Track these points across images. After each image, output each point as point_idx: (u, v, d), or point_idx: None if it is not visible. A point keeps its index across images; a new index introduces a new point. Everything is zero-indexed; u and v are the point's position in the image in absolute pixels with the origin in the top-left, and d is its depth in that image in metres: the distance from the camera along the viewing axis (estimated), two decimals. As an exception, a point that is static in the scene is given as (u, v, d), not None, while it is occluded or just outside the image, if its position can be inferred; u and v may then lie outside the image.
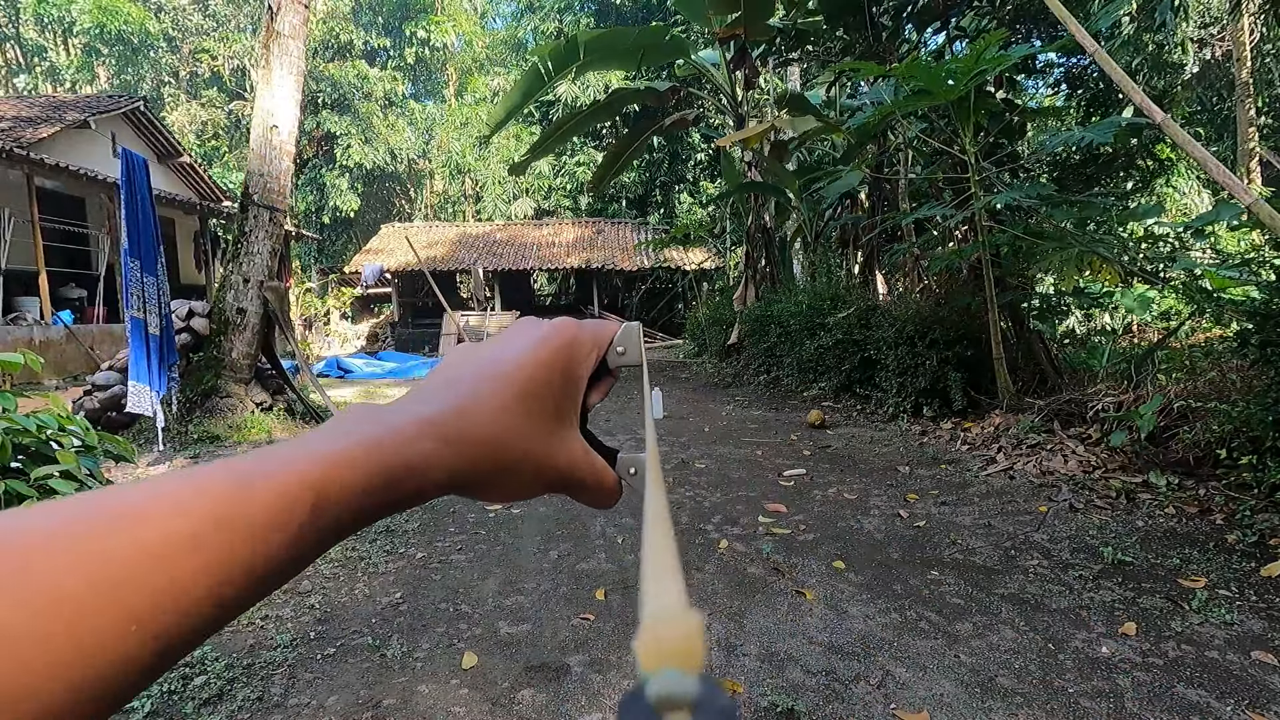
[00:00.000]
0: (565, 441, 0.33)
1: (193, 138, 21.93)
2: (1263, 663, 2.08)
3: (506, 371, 0.32)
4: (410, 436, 0.27)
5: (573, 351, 0.34)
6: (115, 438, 3.20)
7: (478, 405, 0.30)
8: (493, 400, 0.30)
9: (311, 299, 18.35)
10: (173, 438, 5.43)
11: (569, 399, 0.34)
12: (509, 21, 28.97)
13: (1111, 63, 3.48)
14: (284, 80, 6.13)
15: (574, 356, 0.34)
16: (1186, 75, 10.72)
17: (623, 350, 0.38)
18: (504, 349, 0.33)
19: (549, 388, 0.32)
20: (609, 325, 0.38)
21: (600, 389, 0.37)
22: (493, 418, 0.30)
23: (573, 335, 0.34)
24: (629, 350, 0.38)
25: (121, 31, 20.58)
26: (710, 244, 16.35)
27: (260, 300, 6.14)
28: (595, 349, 0.36)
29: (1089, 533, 3.16)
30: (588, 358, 0.35)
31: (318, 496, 0.23)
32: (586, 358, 0.35)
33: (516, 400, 0.31)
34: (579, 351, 0.34)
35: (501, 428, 0.30)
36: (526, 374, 0.32)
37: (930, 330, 5.73)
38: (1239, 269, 4.25)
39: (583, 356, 0.35)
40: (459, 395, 0.30)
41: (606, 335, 0.37)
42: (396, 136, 22.90)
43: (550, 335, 0.34)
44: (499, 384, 0.31)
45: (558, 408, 0.33)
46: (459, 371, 0.32)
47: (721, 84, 10.09)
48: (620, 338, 0.38)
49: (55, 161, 9.50)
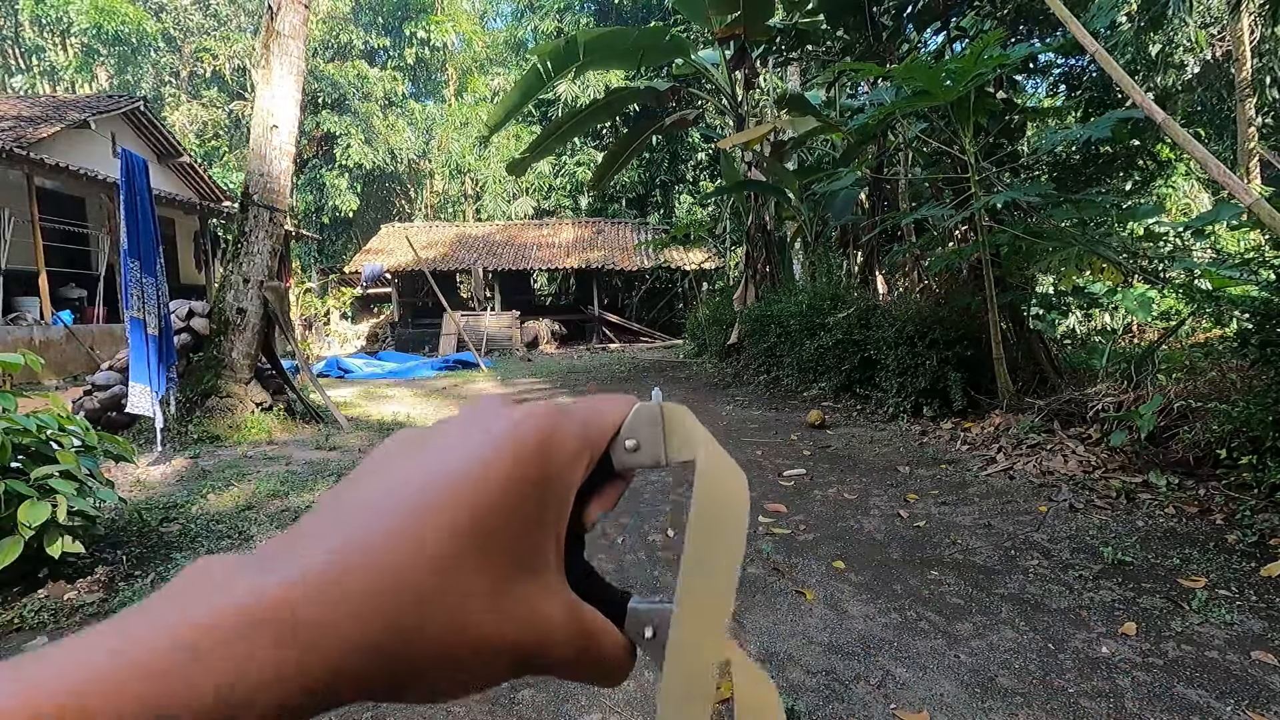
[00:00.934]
0: (532, 598, 0.22)
1: (193, 138, 21.94)
2: (1263, 663, 2.08)
3: (434, 497, 0.21)
4: (225, 638, 0.17)
5: (549, 456, 0.23)
6: (115, 438, 3.20)
7: (369, 561, 0.19)
8: (400, 548, 0.20)
9: (311, 299, 18.35)
10: (173, 438, 5.43)
11: (541, 530, 0.23)
12: (509, 21, 28.99)
13: (1112, 62, 3.48)
14: (284, 80, 6.13)
15: (551, 464, 0.23)
16: (1187, 75, 10.72)
17: (635, 444, 0.26)
18: (438, 455, 0.22)
19: (505, 518, 0.21)
20: (611, 406, 0.26)
21: (603, 500, 0.26)
22: (398, 578, 0.19)
23: (549, 431, 0.23)
24: (645, 443, 0.25)
25: (119, 32, 20.58)
26: (710, 244, 16.35)
27: (260, 300, 6.14)
28: (588, 448, 0.25)
29: (1089, 533, 3.16)
30: (575, 462, 0.24)
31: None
32: (573, 463, 0.24)
33: (445, 543, 0.20)
34: (560, 454, 0.23)
35: (413, 594, 0.19)
36: (467, 499, 0.21)
37: (930, 330, 5.73)
38: (1239, 269, 4.25)
39: (567, 462, 0.24)
40: (340, 544, 0.19)
41: (608, 423, 0.26)
42: (396, 136, 22.91)
43: (514, 434, 0.23)
44: (417, 518, 0.20)
45: (521, 547, 0.22)
46: (358, 494, 0.22)
47: (721, 84, 10.09)
48: (631, 425, 0.26)
49: (55, 161, 9.50)
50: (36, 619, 2.51)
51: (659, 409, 0.26)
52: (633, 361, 12.80)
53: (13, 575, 2.65)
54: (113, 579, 2.85)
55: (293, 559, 0.19)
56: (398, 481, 0.22)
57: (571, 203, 23.34)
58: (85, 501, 2.79)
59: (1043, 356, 5.75)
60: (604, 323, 18.45)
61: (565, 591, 0.23)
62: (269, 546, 0.20)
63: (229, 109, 22.99)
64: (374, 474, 0.23)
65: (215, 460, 4.95)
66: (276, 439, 5.76)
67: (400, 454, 0.23)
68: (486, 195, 24.24)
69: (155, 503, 3.90)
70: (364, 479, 0.23)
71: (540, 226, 20.92)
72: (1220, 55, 11.88)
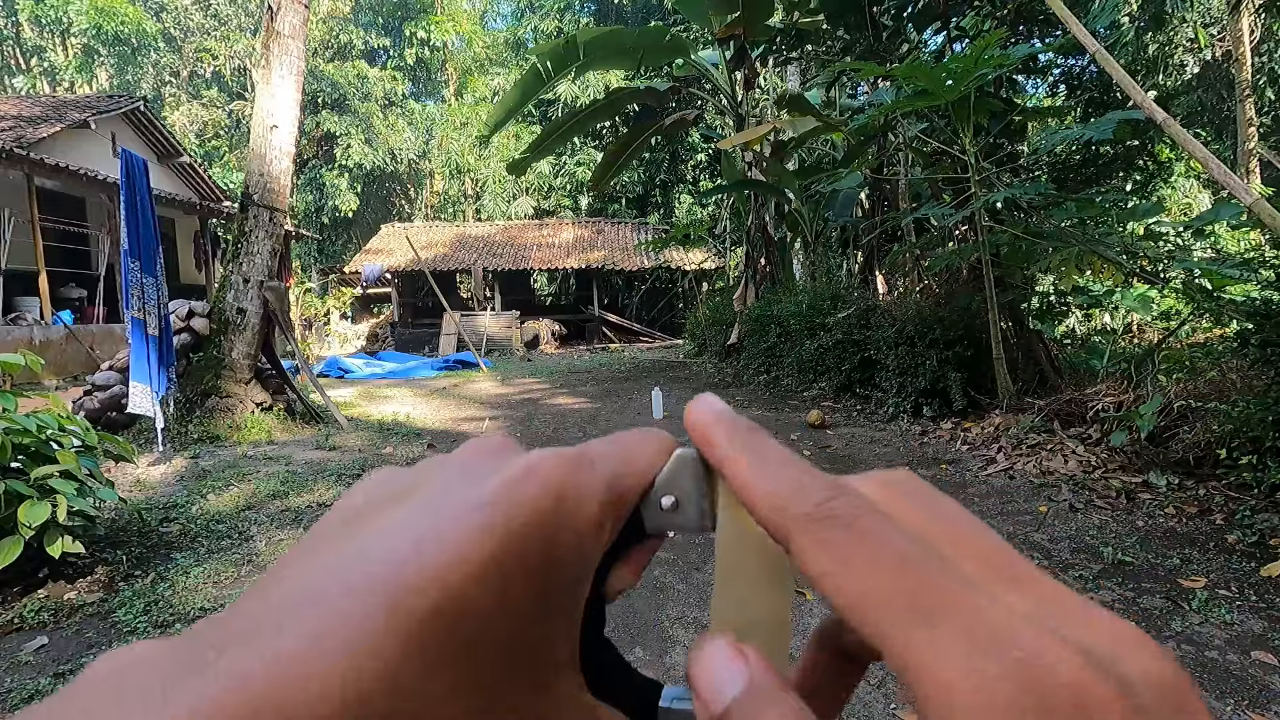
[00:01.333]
0: (531, 710, 0.17)
1: (193, 138, 21.95)
2: (1263, 663, 2.08)
3: (392, 589, 0.15)
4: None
5: (560, 528, 0.17)
6: (115, 438, 3.20)
7: (285, 684, 0.13)
8: (337, 665, 0.14)
9: (311, 299, 18.37)
10: (173, 438, 5.43)
11: (547, 625, 0.17)
12: (509, 21, 29.00)
13: (1112, 62, 3.48)
14: (284, 80, 6.14)
15: (562, 539, 0.17)
16: (1187, 75, 10.72)
17: (673, 502, 0.20)
18: (403, 527, 0.17)
19: (494, 617, 0.16)
20: (645, 452, 0.20)
21: (630, 565, 0.21)
22: (343, 703, 0.13)
23: (559, 493, 0.17)
24: (686, 501, 0.20)
25: (119, 32, 20.59)
26: (710, 244, 16.36)
27: (260, 300, 6.14)
28: (614, 511, 0.19)
29: (1089, 533, 3.17)
30: (595, 533, 0.18)
31: None
32: (592, 534, 0.18)
33: (405, 655, 0.14)
34: (574, 525, 0.17)
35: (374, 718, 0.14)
36: (434, 593, 0.15)
37: (930, 330, 5.73)
38: (1239, 268, 4.25)
39: (584, 533, 0.18)
40: (252, 659, 0.14)
41: (639, 476, 0.20)
42: (396, 137, 22.92)
43: (510, 499, 0.17)
44: (366, 621, 0.14)
45: (517, 652, 0.16)
46: (296, 578, 0.16)
47: (721, 84, 10.09)
48: (670, 477, 0.20)
49: (55, 161, 9.50)
50: (36, 619, 2.51)
51: (694, 456, 0.20)
52: (633, 361, 12.80)
53: (13, 575, 2.65)
54: (113, 579, 2.85)
55: (192, 680, 0.13)
56: (346, 565, 0.16)
57: (571, 203, 23.35)
58: (85, 501, 2.79)
59: (1043, 356, 5.76)
60: (604, 323, 18.46)
61: (580, 695, 0.18)
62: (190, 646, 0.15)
63: (229, 109, 23.00)
64: (318, 551, 0.17)
65: (215, 460, 4.95)
66: (276, 439, 5.76)
67: (359, 519, 0.18)
68: (486, 195, 24.25)
69: (155, 503, 3.90)
70: (306, 555, 0.17)
71: (540, 226, 20.93)
72: (1220, 55, 11.88)
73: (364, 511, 0.18)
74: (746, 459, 0.18)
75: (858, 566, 0.15)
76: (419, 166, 25.33)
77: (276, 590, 0.16)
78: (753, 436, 0.19)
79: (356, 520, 0.18)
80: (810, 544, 0.16)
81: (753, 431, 0.19)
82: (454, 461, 0.20)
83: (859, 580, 0.15)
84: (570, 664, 0.18)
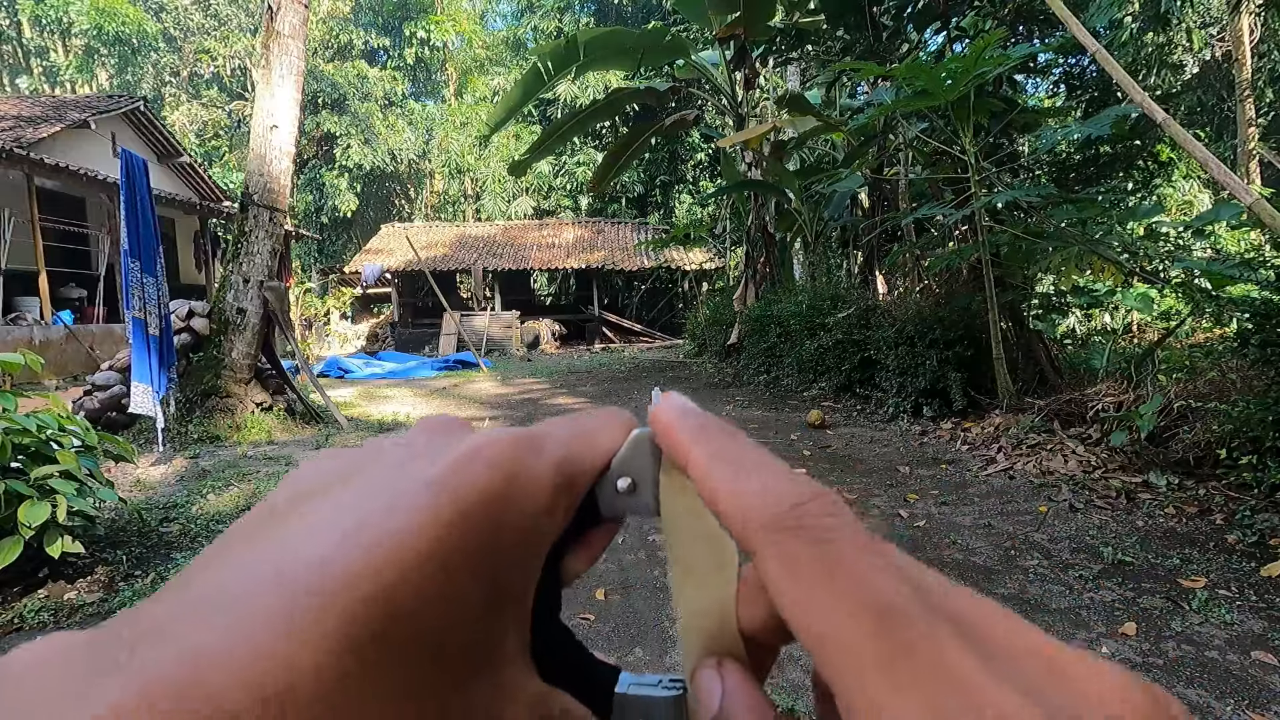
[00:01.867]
0: (481, 708, 0.16)
1: (193, 138, 21.95)
2: (1263, 663, 2.08)
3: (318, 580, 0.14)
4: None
5: (508, 511, 0.16)
6: (115, 438, 3.20)
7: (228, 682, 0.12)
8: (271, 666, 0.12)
9: (311, 299, 18.37)
10: (173, 438, 5.43)
11: (495, 613, 0.16)
12: (509, 21, 29.00)
13: (1112, 62, 3.48)
14: (284, 80, 6.14)
15: (510, 522, 0.16)
16: (1186, 75, 10.72)
17: (630, 484, 0.19)
18: (337, 513, 0.16)
19: (436, 606, 0.15)
20: (601, 432, 0.20)
21: (586, 549, 0.20)
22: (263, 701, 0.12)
23: (508, 475, 0.17)
24: (644, 484, 0.19)
25: (119, 32, 20.60)
26: (710, 244, 16.36)
27: (260, 300, 6.14)
28: (567, 493, 0.18)
29: (1089, 533, 3.16)
30: (546, 516, 0.17)
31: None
32: (544, 516, 0.17)
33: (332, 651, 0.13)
34: (524, 507, 0.17)
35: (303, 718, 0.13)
36: (368, 582, 0.14)
37: (930, 330, 5.73)
38: (1239, 268, 4.25)
39: (534, 516, 0.17)
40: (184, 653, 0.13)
41: (595, 457, 0.19)
42: (396, 137, 22.92)
43: (455, 482, 0.16)
44: (286, 615, 0.13)
45: (462, 642, 0.15)
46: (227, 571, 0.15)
47: (721, 84, 10.09)
48: (624, 458, 0.19)
49: (55, 161, 9.50)
50: (36, 619, 2.51)
51: (649, 436, 0.19)
52: (633, 361, 12.80)
53: (13, 575, 2.65)
54: (113, 579, 2.85)
55: (101, 682, 0.12)
56: (276, 555, 0.14)
57: (571, 203, 23.35)
58: (85, 501, 2.79)
59: (1043, 356, 5.75)
60: (604, 323, 18.46)
61: (529, 685, 0.17)
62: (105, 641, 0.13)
63: (229, 109, 23.01)
64: (249, 539, 0.16)
65: (215, 460, 4.95)
66: (276, 439, 5.76)
67: (294, 505, 0.17)
68: (486, 195, 24.26)
69: (155, 503, 3.90)
70: (235, 544, 0.16)
71: (540, 227, 20.93)
72: (1220, 55, 11.88)
73: (301, 497, 0.17)
74: (714, 458, 0.17)
75: (824, 601, 0.14)
76: (419, 166, 25.33)
77: (200, 582, 0.15)
78: (724, 436, 0.18)
79: (292, 506, 0.17)
80: (772, 558, 0.15)
81: (725, 431, 0.18)
82: (400, 443, 0.19)
83: (823, 617, 0.14)
84: (519, 654, 0.17)
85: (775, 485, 0.16)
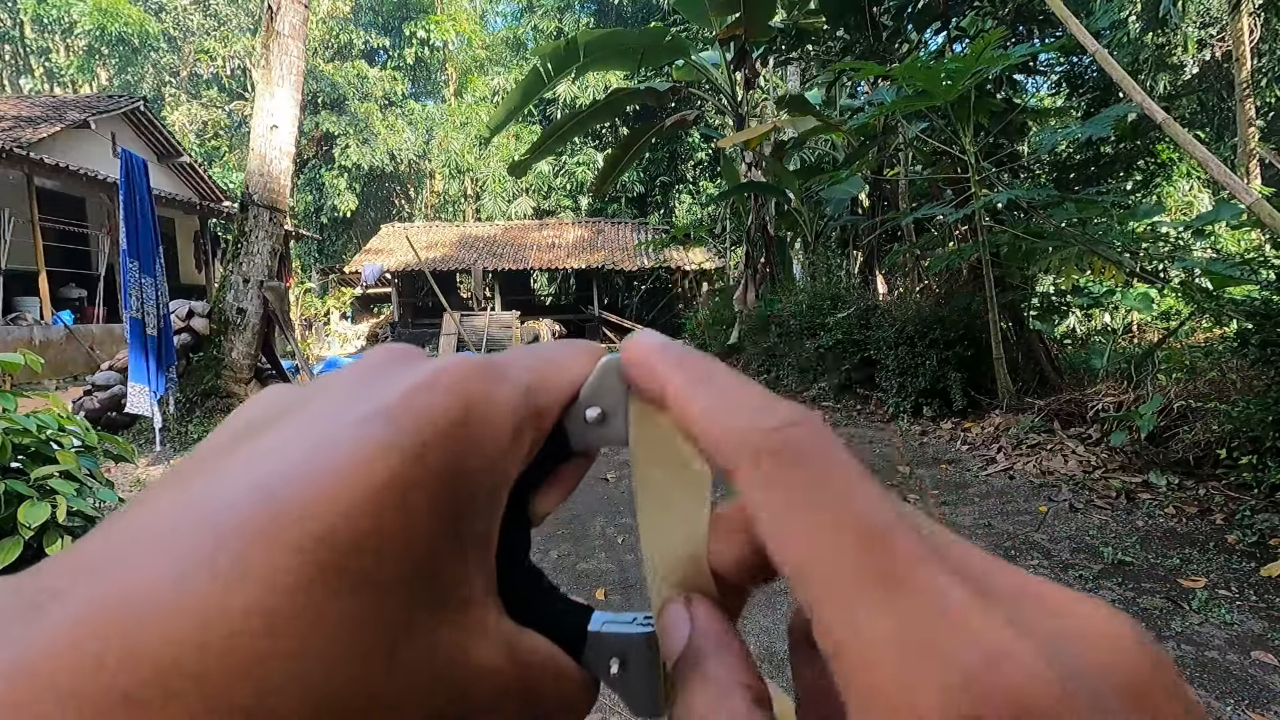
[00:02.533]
0: (449, 644, 0.15)
1: (193, 138, 21.95)
2: (1263, 663, 2.08)
3: (276, 518, 0.13)
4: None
5: (468, 440, 0.15)
6: (115, 438, 3.20)
7: (166, 621, 0.11)
8: (210, 604, 0.12)
9: (311, 299, 18.38)
10: (172, 438, 5.43)
11: (458, 547, 0.15)
12: (509, 21, 29.01)
13: (1112, 62, 3.48)
14: (284, 80, 6.14)
15: (471, 452, 0.15)
16: (1186, 75, 10.72)
17: (599, 414, 0.18)
18: (291, 441, 0.15)
19: (396, 539, 0.14)
20: (569, 359, 0.19)
21: (556, 485, 0.19)
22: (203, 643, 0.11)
23: (469, 402, 0.16)
24: (613, 412, 0.18)
25: (122, 33, 20.60)
26: (710, 244, 16.36)
27: (260, 300, 6.14)
28: (532, 423, 0.17)
29: (1089, 533, 3.16)
30: (511, 446, 0.16)
31: None
32: (507, 447, 0.16)
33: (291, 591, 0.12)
34: (486, 437, 0.16)
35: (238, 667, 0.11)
36: (325, 512, 0.13)
37: (930, 330, 5.73)
38: (1239, 268, 4.25)
39: (497, 447, 0.16)
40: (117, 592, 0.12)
41: (562, 386, 0.18)
42: (396, 137, 22.92)
43: (412, 408, 0.15)
44: (243, 549, 0.12)
45: (426, 576, 0.14)
46: (165, 508, 0.14)
47: (721, 84, 10.09)
48: (595, 387, 0.18)
49: (55, 161, 9.50)
50: (36, 619, 2.51)
51: (617, 361, 0.18)
52: (633, 361, 12.79)
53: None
54: (112, 579, 2.85)
55: (20, 628, 0.11)
56: (218, 490, 0.13)
57: (572, 203, 23.36)
58: (85, 502, 2.79)
59: (1043, 356, 5.75)
60: (604, 323, 18.46)
61: (499, 624, 0.16)
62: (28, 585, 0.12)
63: (229, 109, 23.01)
64: (191, 474, 0.15)
65: (215, 460, 4.95)
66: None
67: (240, 439, 0.16)
68: (486, 195, 24.26)
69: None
70: (176, 481, 0.15)
71: (540, 227, 20.93)
72: (1220, 55, 11.88)
73: (245, 432, 0.16)
74: (693, 383, 0.16)
75: (808, 520, 0.13)
76: (419, 166, 25.33)
77: (137, 520, 0.14)
78: (703, 362, 0.17)
79: (235, 442, 0.16)
80: (757, 479, 0.14)
81: (703, 358, 0.17)
82: (350, 371, 0.17)
83: (807, 537, 0.13)
84: (487, 591, 0.16)
85: (759, 406, 0.15)
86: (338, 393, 0.16)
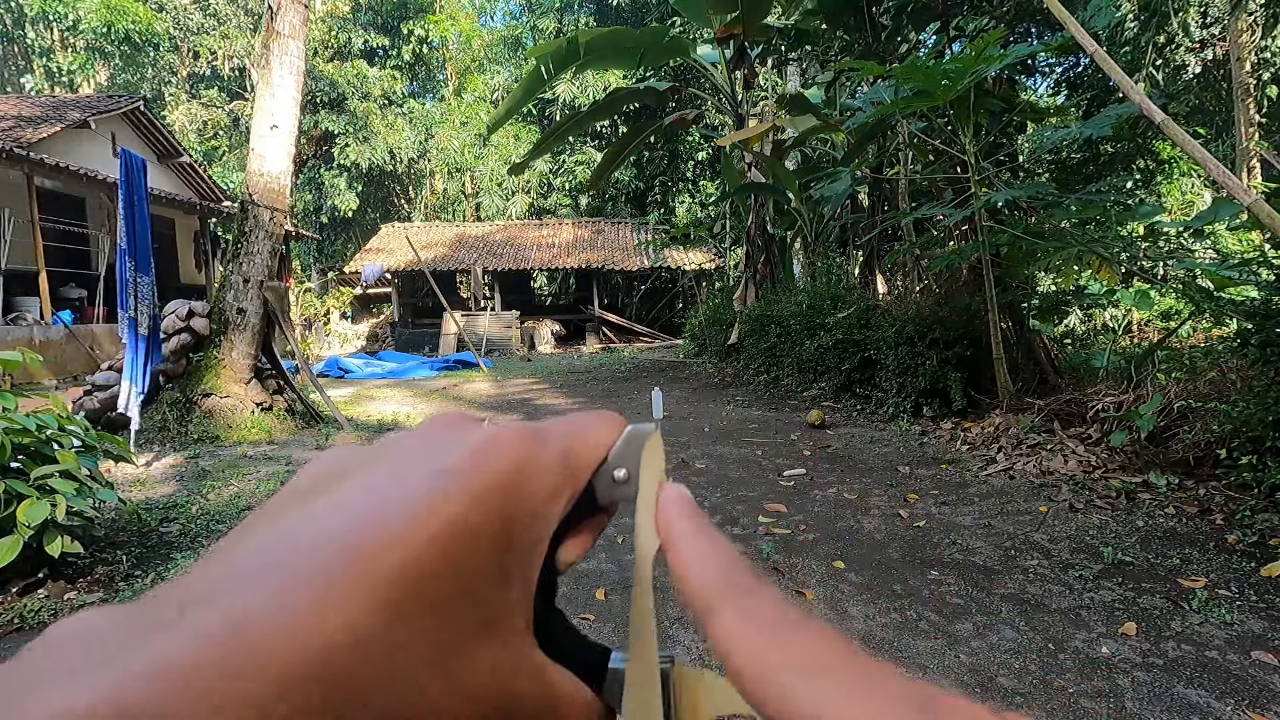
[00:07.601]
0: (491, 665, 0.17)
1: (193, 137, 21.93)
2: (1263, 663, 2.08)
3: (356, 547, 0.15)
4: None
5: (519, 495, 0.18)
6: (115, 438, 3.20)
7: (278, 639, 0.14)
8: (312, 622, 0.14)
9: (311, 299, 18.36)
10: (173, 438, 5.44)
11: (505, 585, 0.18)
12: (508, 20, 29.00)
13: (1111, 63, 3.48)
14: (284, 80, 6.13)
15: (521, 505, 0.19)
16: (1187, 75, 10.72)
17: (624, 475, 0.22)
18: (368, 494, 0.17)
19: (457, 574, 0.16)
20: (598, 429, 0.22)
21: (581, 538, 0.22)
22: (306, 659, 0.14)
23: (519, 464, 0.19)
24: (636, 472, 0.22)
25: (128, 31, 20.57)
26: (710, 244, 16.35)
27: (260, 300, 6.14)
28: (570, 482, 0.21)
29: (1089, 533, 3.16)
30: (552, 501, 0.20)
31: None
32: (549, 502, 0.20)
33: (375, 611, 0.15)
34: (533, 492, 0.19)
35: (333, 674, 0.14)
36: (398, 551, 0.16)
37: (930, 330, 5.73)
38: (1238, 268, 4.25)
39: (541, 501, 0.19)
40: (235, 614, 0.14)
41: (594, 450, 0.22)
42: (395, 136, 22.90)
43: (473, 468, 0.18)
44: (336, 578, 0.15)
45: (478, 606, 0.17)
46: (266, 541, 0.16)
47: (721, 84, 10.09)
48: (621, 452, 0.22)
49: (55, 161, 9.50)
50: (36, 619, 2.51)
51: (652, 429, 0.22)
52: (633, 361, 12.80)
53: (12, 575, 2.65)
54: (112, 579, 2.85)
55: (154, 638, 0.13)
56: (311, 527, 0.16)
57: (571, 202, 23.34)
58: (85, 501, 2.79)
59: (1043, 356, 5.75)
60: (604, 323, 18.45)
61: (532, 654, 0.19)
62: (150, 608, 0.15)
63: (229, 109, 22.97)
64: (278, 517, 0.17)
65: (215, 460, 4.95)
66: (276, 439, 5.76)
67: (324, 484, 0.18)
68: (485, 194, 24.24)
69: (155, 503, 3.90)
70: (270, 518, 0.17)
71: (540, 226, 20.92)
72: (1220, 55, 11.87)
73: (325, 480, 0.19)
74: (687, 538, 0.20)
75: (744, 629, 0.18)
76: (418, 166, 25.32)
77: (240, 552, 0.16)
78: (702, 523, 0.21)
79: (316, 487, 0.18)
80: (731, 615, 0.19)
81: (703, 519, 0.21)
82: (417, 434, 0.21)
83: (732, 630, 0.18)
84: (525, 625, 0.19)
85: (719, 560, 0.20)
86: (411, 450, 0.19)
